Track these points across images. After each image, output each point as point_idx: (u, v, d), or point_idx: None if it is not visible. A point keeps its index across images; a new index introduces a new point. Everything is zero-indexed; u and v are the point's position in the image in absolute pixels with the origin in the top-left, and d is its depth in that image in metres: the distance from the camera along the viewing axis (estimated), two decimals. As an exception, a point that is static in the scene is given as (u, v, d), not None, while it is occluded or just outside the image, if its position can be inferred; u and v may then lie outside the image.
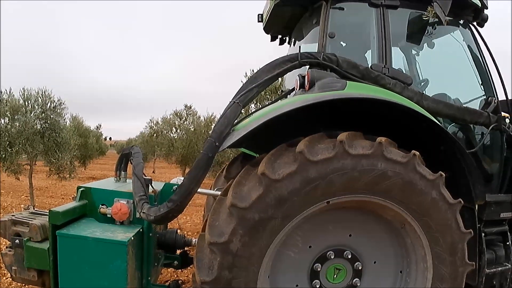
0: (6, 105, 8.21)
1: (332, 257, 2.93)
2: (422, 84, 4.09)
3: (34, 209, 3.60)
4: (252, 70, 9.48)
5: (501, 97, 3.64)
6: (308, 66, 3.16)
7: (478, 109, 3.59)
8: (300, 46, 3.30)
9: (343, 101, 2.76)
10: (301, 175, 2.52)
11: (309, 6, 3.69)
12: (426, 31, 3.74)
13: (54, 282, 2.88)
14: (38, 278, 3.07)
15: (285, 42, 4.64)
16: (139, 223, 3.15)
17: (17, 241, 3.05)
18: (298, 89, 3.17)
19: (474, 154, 3.34)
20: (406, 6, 3.49)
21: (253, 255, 2.55)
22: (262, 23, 4.35)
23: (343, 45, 3.74)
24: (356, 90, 2.92)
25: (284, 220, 2.57)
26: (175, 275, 5.25)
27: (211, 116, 13.37)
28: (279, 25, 4.26)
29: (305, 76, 3.08)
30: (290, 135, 2.84)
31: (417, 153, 2.72)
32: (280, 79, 3.87)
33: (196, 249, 2.69)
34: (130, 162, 3.63)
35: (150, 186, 3.19)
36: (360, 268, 3.00)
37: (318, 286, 2.92)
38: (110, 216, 3.12)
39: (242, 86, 3.05)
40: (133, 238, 2.90)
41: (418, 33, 3.76)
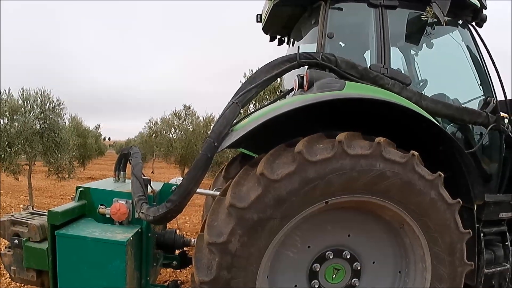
0: (5, 105, 8.21)
1: (331, 257, 2.93)
2: (421, 84, 4.09)
3: (33, 209, 3.59)
4: (251, 70, 9.49)
5: (500, 97, 3.64)
6: (307, 67, 3.16)
7: (477, 109, 3.59)
8: (299, 46, 3.30)
9: (342, 101, 2.76)
10: (299, 175, 2.52)
11: (308, 6, 3.69)
12: (425, 31, 3.74)
13: (53, 282, 2.88)
14: (37, 278, 3.07)
15: (284, 42, 4.64)
16: (138, 223, 3.14)
17: (16, 241, 3.05)
18: (297, 89, 3.17)
19: (473, 154, 3.33)
20: (405, 7, 3.49)
21: (252, 255, 2.55)
22: (261, 23, 4.35)
23: (342, 45, 3.75)
24: (355, 90, 2.92)
25: (283, 220, 2.57)
26: (174, 275, 5.25)
27: (210, 116, 13.38)
28: (278, 25, 4.26)
29: (304, 76, 3.08)
30: (289, 136, 2.84)
31: (415, 153, 2.72)
32: (279, 80, 3.86)
33: (195, 249, 2.69)
34: (129, 162, 3.63)
35: (149, 186, 3.19)
36: (359, 268, 3.00)
37: (317, 286, 2.92)
38: (109, 216, 3.12)
39: (241, 86, 3.05)
40: (132, 238, 2.90)
41: (417, 33, 3.76)
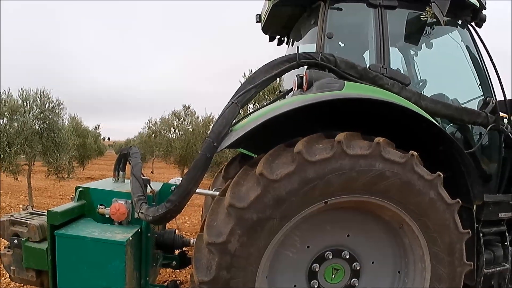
0: (4, 105, 8.21)
1: (330, 257, 2.93)
2: (420, 84, 4.09)
3: (32, 209, 3.59)
4: (250, 71, 9.48)
5: (499, 97, 3.64)
6: (306, 67, 3.16)
7: (476, 109, 3.59)
8: (298, 47, 3.30)
9: (341, 101, 2.76)
10: (299, 176, 2.52)
11: (307, 7, 3.69)
12: (424, 32, 3.74)
13: (52, 282, 2.88)
14: (37, 278, 3.07)
15: (283, 42, 4.64)
16: (138, 224, 3.14)
17: (15, 241, 3.05)
18: (296, 89, 3.17)
19: (472, 154, 3.34)
20: (404, 7, 3.50)
21: (251, 255, 2.55)
22: (260, 24, 4.35)
23: (341, 45, 3.75)
24: (354, 90, 2.92)
25: (282, 220, 2.56)
26: (174, 275, 5.25)
27: (210, 116, 13.36)
28: (277, 25, 4.26)
29: (303, 76, 3.08)
30: (289, 136, 2.84)
31: (415, 153, 2.72)
32: (278, 80, 3.86)
33: (194, 249, 2.69)
34: (128, 162, 3.63)
35: (149, 187, 3.19)
36: (358, 268, 3.00)
37: (316, 286, 2.92)
38: (108, 216, 3.12)
39: (240, 86, 3.05)
40: (131, 238, 2.89)
41: (416, 33, 3.76)
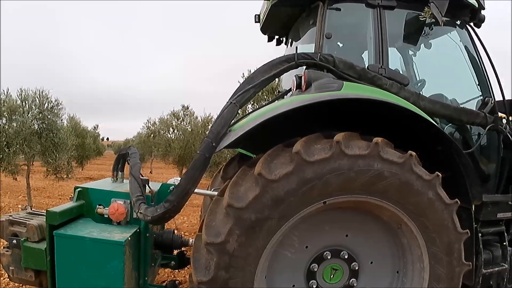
0: (3, 105, 8.20)
1: (328, 257, 2.93)
2: (419, 84, 4.09)
3: (31, 209, 3.59)
4: (249, 71, 9.48)
5: (498, 97, 3.64)
6: (305, 67, 3.17)
7: (475, 109, 3.60)
8: (297, 47, 3.30)
9: (340, 101, 2.76)
10: (297, 176, 2.52)
11: (306, 7, 3.69)
12: (423, 32, 3.75)
13: (51, 282, 2.88)
14: (36, 278, 3.07)
15: (282, 42, 4.64)
16: (136, 224, 3.15)
17: (14, 241, 3.05)
18: (295, 89, 3.17)
19: (471, 155, 3.34)
20: (403, 7, 3.50)
21: (249, 255, 2.55)
22: (259, 24, 4.35)
23: (340, 45, 3.75)
24: (352, 90, 2.92)
25: (280, 220, 2.57)
26: (172, 276, 5.25)
27: (208, 116, 13.34)
28: (276, 25, 4.26)
29: (301, 76, 3.08)
30: (287, 136, 2.84)
31: (413, 153, 2.72)
32: (277, 80, 3.86)
33: (193, 249, 2.69)
34: (127, 162, 3.63)
35: (147, 187, 3.19)
36: (356, 268, 3.00)
37: (314, 286, 2.92)
38: (107, 216, 3.12)
39: (239, 86, 3.05)
40: (130, 239, 2.90)
41: (415, 33, 3.77)
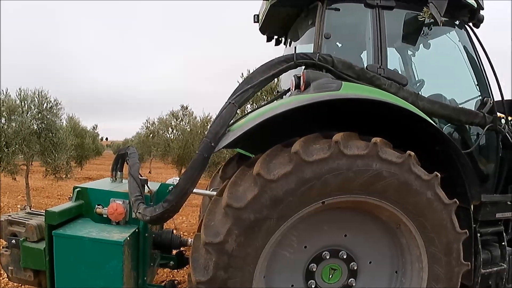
0: (2, 105, 8.20)
1: (327, 257, 2.93)
2: (417, 84, 4.09)
3: (30, 209, 3.59)
4: (249, 71, 9.49)
5: (496, 97, 3.65)
6: (303, 67, 3.17)
7: (473, 109, 3.60)
8: (295, 47, 3.30)
9: (339, 101, 2.76)
10: (296, 176, 2.52)
11: (304, 7, 3.69)
12: (422, 32, 3.75)
13: (50, 282, 2.88)
14: (35, 278, 3.07)
15: (281, 42, 4.64)
16: (135, 223, 3.15)
17: (13, 241, 3.05)
18: (293, 89, 3.16)
19: (470, 155, 3.34)
20: (402, 7, 3.50)
21: (248, 255, 2.56)
22: (258, 24, 4.35)
23: (339, 45, 3.75)
24: (351, 90, 2.92)
25: (279, 220, 2.57)
26: (171, 275, 5.25)
27: (207, 116, 13.36)
28: (275, 25, 4.26)
29: (300, 76, 3.08)
30: (286, 136, 2.84)
31: (412, 153, 2.72)
32: (276, 80, 3.86)
33: (192, 249, 2.69)
34: (126, 162, 3.64)
35: (146, 187, 3.19)
36: (355, 268, 3.00)
37: (313, 286, 2.92)
38: (106, 216, 3.13)
39: (238, 86, 3.04)
40: (129, 238, 2.90)
41: (414, 33, 3.77)
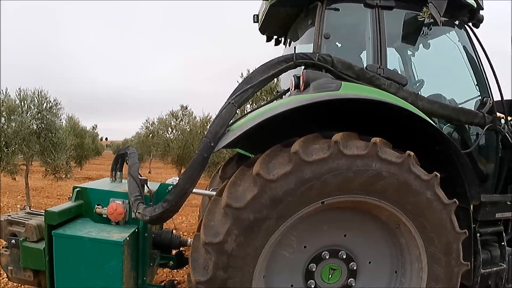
0: (2, 105, 8.20)
1: (327, 257, 2.93)
2: (417, 84, 4.09)
3: (30, 209, 3.59)
4: (249, 71, 9.49)
5: (496, 97, 3.65)
6: (303, 67, 3.17)
7: (473, 109, 3.60)
8: (295, 47, 3.30)
9: (338, 101, 2.76)
10: (296, 176, 2.52)
11: (304, 7, 3.69)
12: (422, 32, 3.75)
13: (50, 282, 2.88)
14: (34, 278, 3.07)
15: (280, 42, 4.64)
16: (135, 223, 3.15)
17: (13, 241, 3.05)
18: (293, 89, 3.16)
19: (469, 155, 3.34)
20: (402, 7, 3.50)
21: (248, 255, 2.55)
22: (257, 24, 4.35)
23: (339, 45, 3.75)
24: (351, 90, 2.92)
25: (279, 220, 2.57)
26: (171, 275, 5.25)
27: (207, 116, 13.37)
28: (275, 25, 4.26)
29: (300, 76, 3.08)
30: (286, 136, 2.84)
31: (411, 153, 2.72)
32: (275, 80, 3.86)
33: (191, 249, 2.69)
34: (125, 162, 3.64)
35: (146, 187, 3.19)
36: (355, 268, 3.00)
37: (313, 286, 2.92)
38: (105, 216, 3.12)
39: (237, 86, 3.04)
40: (128, 238, 2.90)
41: (413, 33, 3.77)
